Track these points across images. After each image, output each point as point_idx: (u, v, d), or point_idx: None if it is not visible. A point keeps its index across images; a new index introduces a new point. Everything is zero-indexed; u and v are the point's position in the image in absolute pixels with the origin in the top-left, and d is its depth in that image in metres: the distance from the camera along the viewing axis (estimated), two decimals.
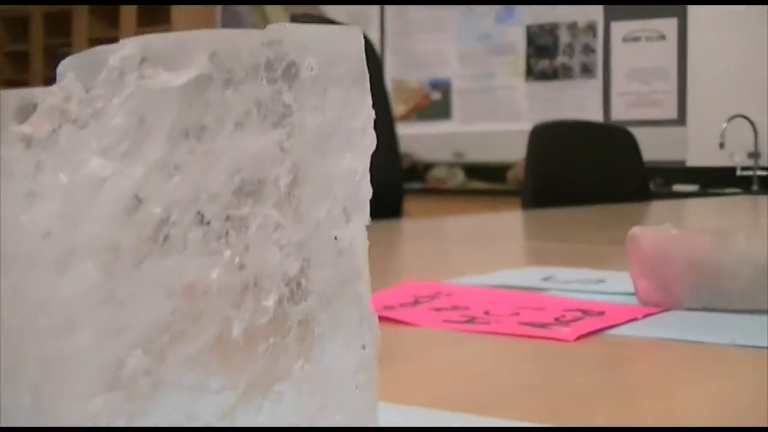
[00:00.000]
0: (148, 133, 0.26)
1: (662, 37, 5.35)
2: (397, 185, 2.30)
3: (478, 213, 2.92)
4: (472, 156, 5.83)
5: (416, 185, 5.50)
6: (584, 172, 2.70)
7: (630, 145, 2.89)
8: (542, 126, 2.70)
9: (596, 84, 5.60)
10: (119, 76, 0.26)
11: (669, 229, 0.76)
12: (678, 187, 4.95)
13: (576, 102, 5.63)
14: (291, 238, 0.29)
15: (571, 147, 2.72)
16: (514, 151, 5.15)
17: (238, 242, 0.28)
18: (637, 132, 3.07)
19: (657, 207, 2.59)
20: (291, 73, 0.30)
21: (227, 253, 0.27)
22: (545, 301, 0.77)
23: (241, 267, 0.28)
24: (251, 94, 0.28)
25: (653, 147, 4.47)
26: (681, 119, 5.26)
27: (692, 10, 5.17)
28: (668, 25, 5.32)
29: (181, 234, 0.26)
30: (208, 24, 6.80)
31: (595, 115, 5.51)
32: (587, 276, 0.93)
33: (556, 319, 0.69)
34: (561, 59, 5.72)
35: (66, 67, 0.28)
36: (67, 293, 0.25)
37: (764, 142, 4.94)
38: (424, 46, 6.13)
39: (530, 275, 0.95)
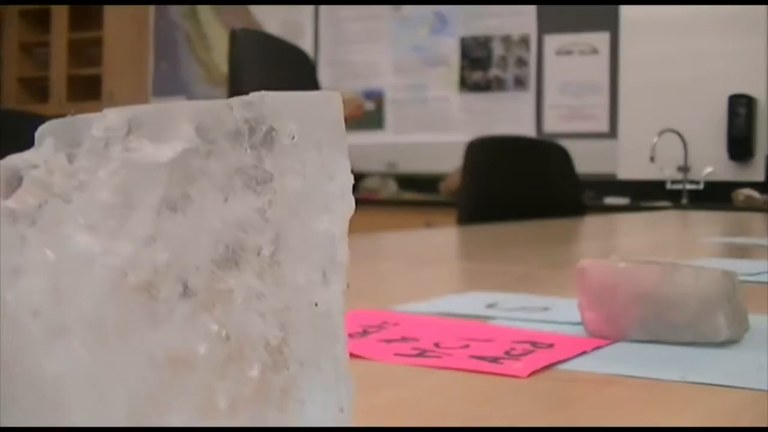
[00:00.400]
0: (136, 208, 0.25)
1: (595, 51, 5.42)
2: None
3: (412, 224, 2.92)
4: (405, 167, 5.85)
5: None
6: (520, 187, 2.72)
7: (565, 161, 2.92)
8: (478, 141, 2.72)
9: (529, 96, 5.65)
10: (104, 148, 0.26)
11: (616, 261, 0.77)
12: (609, 200, 5.01)
13: (509, 114, 5.67)
14: (273, 305, 0.29)
15: (507, 162, 2.74)
16: (447, 163, 5.18)
17: (223, 314, 0.27)
18: (568, 144, 3.11)
19: (591, 223, 2.62)
20: (270, 139, 0.29)
21: (213, 326, 0.27)
22: (494, 332, 0.77)
23: (227, 338, 0.27)
24: (234, 163, 0.28)
25: (585, 160, 4.51)
26: (612, 132, 5.32)
27: (624, 25, 5.24)
28: (601, 40, 5.39)
29: (168, 308, 0.26)
30: (141, 28, 6.75)
31: (528, 127, 5.56)
32: (532, 303, 0.94)
33: (507, 353, 0.69)
34: (494, 71, 5.76)
35: (45, 131, 0.27)
36: (55, 372, 0.24)
37: (694, 156, 5.02)
38: (357, 57, 6.14)
39: (475, 302, 0.95)
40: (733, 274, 0.76)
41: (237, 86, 1.89)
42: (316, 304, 0.30)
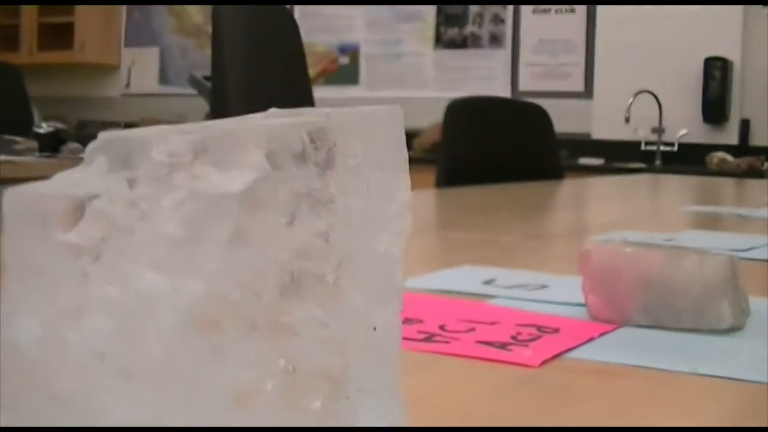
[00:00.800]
0: (204, 242, 0.24)
1: (572, 10, 5.40)
2: None
3: None
4: None
5: None
6: (500, 149, 2.71)
7: (545, 123, 2.91)
8: (458, 102, 2.70)
9: (504, 54, 5.62)
10: (167, 175, 0.24)
11: (621, 245, 0.76)
12: (584, 161, 5.01)
13: (484, 72, 5.65)
14: (335, 334, 0.28)
15: (487, 123, 2.73)
16: (421, 119, 5.15)
17: (288, 347, 0.26)
18: (543, 103, 3.10)
19: (570, 187, 2.61)
20: (332, 157, 0.28)
21: (280, 360, 0.26)
22: (497, 313, 0.77)
23: (293, 372, 0.26)
24: (300, 187, 0.27)
25: (559, 119, 4.50)
26: (587, 92, 5.32)
27: None
28: None
29: (235, 345, 0.25)
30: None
31: (503, 85, 5.54)
32: (528, 280, 0.93)
33: (513, 338, 0.68)
34: (470, 28, 5.73)
35: (95, 149, 0.26)
36: (121, 416, 0.23)
37: (668, 118, 5.03)
38: (332, 10, 6.09)
39: (471, 277, 0.94)
40: (735, 259, 0.75)
41: (219, 45, 1.87)
42: (375, 329, 0.29)
